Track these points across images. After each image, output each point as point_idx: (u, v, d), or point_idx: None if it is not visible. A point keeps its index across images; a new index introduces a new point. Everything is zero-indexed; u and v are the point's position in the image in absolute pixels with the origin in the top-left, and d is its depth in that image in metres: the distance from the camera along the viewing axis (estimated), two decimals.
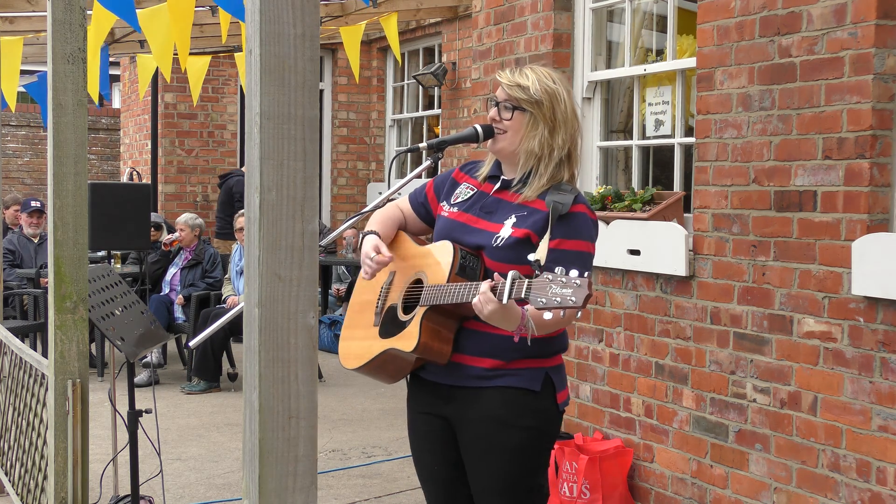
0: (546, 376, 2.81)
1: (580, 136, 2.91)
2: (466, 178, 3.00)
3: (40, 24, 8.57)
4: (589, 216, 2.80)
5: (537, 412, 2.80)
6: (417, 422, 2.99)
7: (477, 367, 2.78)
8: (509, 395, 2.78)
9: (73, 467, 3.40)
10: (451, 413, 2.86)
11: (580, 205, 2.78)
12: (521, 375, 2.78)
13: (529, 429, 2.79)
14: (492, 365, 2.77)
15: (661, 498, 4.67)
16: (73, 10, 3.35)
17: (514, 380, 2.78)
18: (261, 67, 1.71)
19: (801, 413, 3.96)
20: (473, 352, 2.78)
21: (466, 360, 2.80)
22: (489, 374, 2.78)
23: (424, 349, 2.74)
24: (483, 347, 2.77)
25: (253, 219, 1.74)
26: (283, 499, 1.77)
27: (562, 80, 2.88)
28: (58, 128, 3.34)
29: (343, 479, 5.45)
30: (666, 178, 5.17)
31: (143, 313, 4.27)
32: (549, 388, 2.82)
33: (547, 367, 2.82)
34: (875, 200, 3.69)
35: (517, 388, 2.78)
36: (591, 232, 2.80)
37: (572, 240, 2.74)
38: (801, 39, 3.92)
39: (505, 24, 5.71)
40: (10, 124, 16.43)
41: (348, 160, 12.08)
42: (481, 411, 2.79)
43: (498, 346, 2.76)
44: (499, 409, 2.77)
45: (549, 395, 2.82)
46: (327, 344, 9.15)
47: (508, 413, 2.77)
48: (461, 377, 2.81)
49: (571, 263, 2.67)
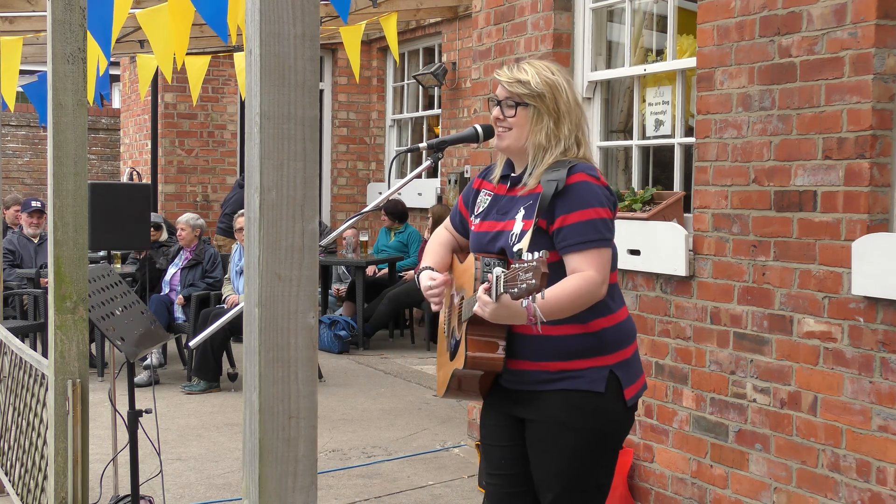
0: (610, 374, 2.80)
1: (586, 124, 2.92)
2: (484, 183, 3.02)
3: (40, 24, 8.57)
4: (589, 181, 2.76)
5: (600, 414, 2.79)
6: (489, 417, 3.00)
7: (539, 370, 2.79)
8: (571, 397, 2.78)
9: (73, 467, 3.40)
10: (519, 413, 2.88)
11: (577, 174, 2.76)
12: (583, 377, 2.78)
13: (590, 431, 2.79)
14: (556, 368, 2.77)
15: (661, 498, 4.67)
16: (73, 10, 3.35)
17: (577, 382, 2.78)
18: (261, 67, 1.71)
19: (801, 413, 3.96)
20: (532, 357, 2.79)
21: (527, 366, 2.81)
22: (552, 378, 2.78)
23: (474, 363, 2.77)
24: (540, 350, 2.78)
25: (253, 219, 1.74)
26: (283, 499, 1.77)
27: (561, 71, 2.89)
28: (58, 128, 3.34)
29: (343, 479, 5.45)
30: (666, 178, 5.17)
31: (143, 313, 4.27)
32: (614, 386, 2.80)
33: (611, 365, 2.81)
34: (875, 200, 3.69)
35: (579, 390, 2.78)
36: (594, 196, 2.76)
37: (574, 212, 2.73)
38: (801, 39, 3.92)
39: (505, 24, 5.71)
40: (10, 124, 16.43)
41: (348, 160, 12.08)
42: (544, 413, 2.81)
43: (555, 347, 2.77)
44: (560, 411, 2.79)
45: (615, 394, 2.81)
46: (327, 344, 9.15)
47: (569, 416, 2.78)
48: (526, 382, 2.82)
49: (581, 236, 2.69)
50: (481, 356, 2.77)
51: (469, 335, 2.76)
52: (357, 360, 8.90)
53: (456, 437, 6.26)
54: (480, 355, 2.77)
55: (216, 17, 5.62)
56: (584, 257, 2.72)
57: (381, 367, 8.59)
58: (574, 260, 2.73)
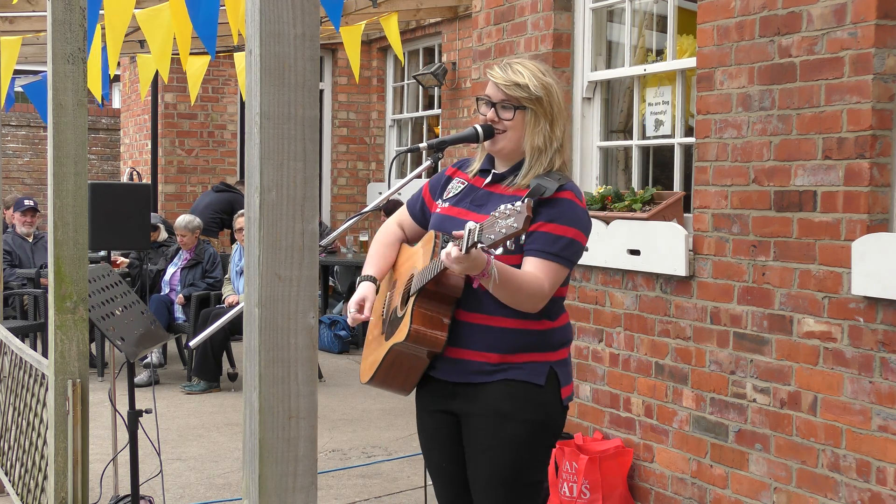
0: (550, 370, 2.81)
1: (570, 125, 2.92)
2: (459, 173, 3.01)
3: (40, 24, 8.57)
4: (576, 203, 2.76)
5: (540, 406, 2.80)
6: (425, 420, 2.98)
7: (480, 361, 2.78)
8: (512, 388, 2.77)
9: (73, 467, 3.40)
10: (456, 408, 2.86)
11: (567, 191, 2.76)
12: (524, 369, 2.78)
13: (531, 422, 2.79)
14: (497, 360, 2.77)
15: (661, 498, 4.67)
16: (73, 10, 3.35)
17: (518, 373, 2.77)
18: (261, 67, 1.71)
19: (801, 413, 3.96)
20: (475, 346, 2.78)
21: (469, 356, 2.79)
22: (493, 369, 2.78)
23: (417, 335, 2.72)
24: (484, 341, 2.77)
25: (253, 219, 1.74)
26: (283, 499, 1.77)
27: (549, 72, 2.89)
28: (58, 128, 3.34)
29: (343, 479, 5.45)
30: (666, 178, 5.17)
31: (143, 313, 4.27)
32: (553, 382, 2.81)
33: (552, 362, 2.81)
34: (875, 200, 3.69)
35: (520, 381, 2.77)
36: (577, 219, 2.76)
37: (553, 223, 2.71)
38: (801, 39, 3.92)
39: (505, 24, 5.71)
40: (10, 124, 16.42)
41: (348, 160, 12.07)
42: (484, 404, 2.79)
43: (500, 339, 2.76)
44: (501, 402, 2.77)
45: (554, 390, 2.82)
46: (327, 344, 9.16)
47: (511, 406, 2.77)
48: (466, 373, 2.80)
49: (551, 246, 2.68)
50: (426, 331, 2.72)
51: (417, 307, 2.72)
52: (357, 360, 8.90)
53: None
54: (426, 330, 2.72)
55: (206, 28, 5.64)
56: (544, 266, 2.70)
57: None
58: (532, 264, 2.71)
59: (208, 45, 5.72)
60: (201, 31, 5.67)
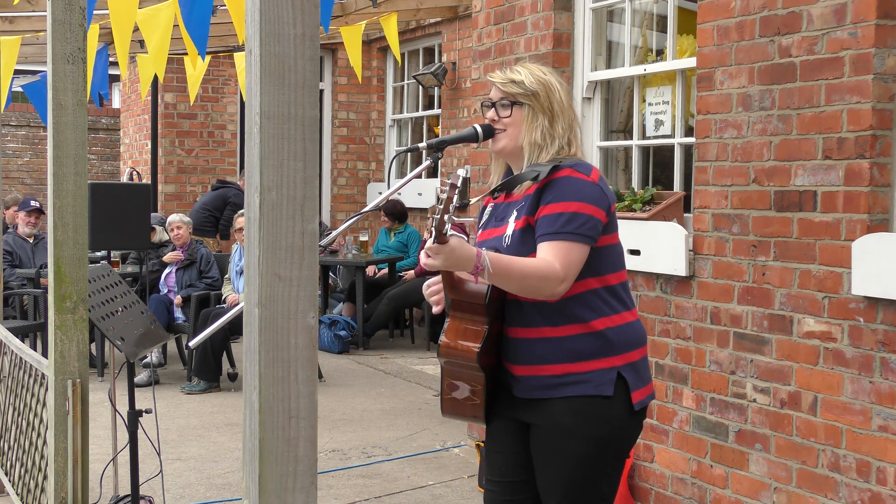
0: (618, 376, 2.75)
1: (578, 126, 2.92)
2: (489, 199, 3.02)
3: (40, 24, 8.58)
4: (573, 177, 2.73)
5: (604, 421, 2.74)
6: (493, 423, 2.95)
7: (540, 376, 2.75)
8: (577, 403, 2.73)
9: (73, 467, 3.40)
10: (524, 416, 2.84)
11: (565, 169, 2.74)
12: (588, 381, 2.73)
13: (595, 438, 2.75)
14: (561, 371, 2.73)
15: (661, 498, 4.67)
16: (73, 10, 3.35)
17: (581, 388, 2.73)
18: (261, 67, 1.71)
19: (801, 413, 3.96)
20: (531, 361, 2.76)
21: (528, 371, 2.77)
22: (557, 382, 2.74)
23: (448, 350, 2.73)
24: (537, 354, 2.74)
25: (253, 219, 1.74)
26: (283, 499, 1.77)
27: (553, 73, 2.90)
28: (58, 128, 3.34)
29: (343, 479, 5.45)
30: (666, 178, 5.17)
31: (143, 313, 4.27)
32: (622, 389, 2.75)
33: (619, 367, 2.75)
34: (875, 200, 3.69)
35: (584, 395, 2.73)
36: (578, 191, 2.71)
37: (550, 204, 2.70)
38: (801, 39, 3.92)
39: (505, 24, 5.71)
40: (10, 124, 16.43)
41: (348, 160, 12.08)
42: (549, 419, 2.77)
43: (552, 350, 2.73)
44: (564, 417, 2.74)
45: (622, 398, 2.75)
46: (327, 344, 9.15)
47: (573, 421, 2.74)
48: (529, 388, 2.78)
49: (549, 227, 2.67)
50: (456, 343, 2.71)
51: (451, 321, 2.74)
52: (357, 360, 8.90)
53: (456, 437, 6.26)
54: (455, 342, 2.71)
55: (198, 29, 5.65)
56: (550, 247, 2.66)
57: (381, 367, 8.59)
58: (540, 249, 2.68)
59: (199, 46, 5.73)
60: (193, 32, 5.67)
